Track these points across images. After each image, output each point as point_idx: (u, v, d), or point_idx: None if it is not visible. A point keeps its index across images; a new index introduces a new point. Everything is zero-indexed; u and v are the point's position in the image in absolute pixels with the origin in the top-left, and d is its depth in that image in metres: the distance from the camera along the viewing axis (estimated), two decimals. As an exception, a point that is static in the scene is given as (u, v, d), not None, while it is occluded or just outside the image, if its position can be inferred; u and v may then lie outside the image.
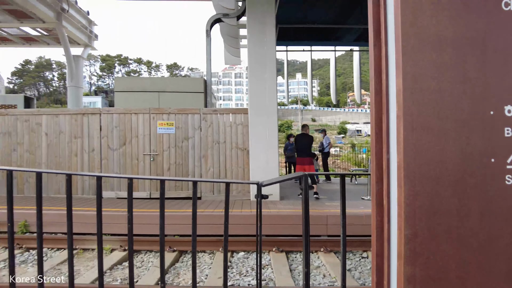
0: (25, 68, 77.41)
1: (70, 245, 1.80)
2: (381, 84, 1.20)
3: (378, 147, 1.21)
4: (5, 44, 14.41)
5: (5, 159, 7.99)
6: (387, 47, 1.17)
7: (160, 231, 1.89)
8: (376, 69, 1.22)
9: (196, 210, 1.55)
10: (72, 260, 1.90)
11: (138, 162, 7.87)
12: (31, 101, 10.84)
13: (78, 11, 13.10)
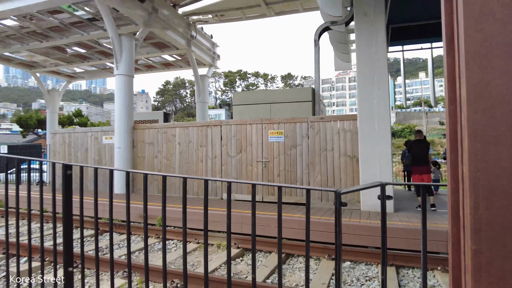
0: (165, 88, 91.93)
1: (205, 240, 2.20)
2: (455, 93, 1.18)
3: (453, 157, 1.18)
4: (151, 70, 17.64)
5: (150, 163, 9.78)
6: (459, 55, 1.15)
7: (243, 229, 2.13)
8: (450, 78, 1.20)
9: (309, 216, 1.70)
10: (207, 254, 2.32)
11: (252, 168, 8.54)
12: (169, 116, 12.99)
13: (204, 36, 15.04)
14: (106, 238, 6.39)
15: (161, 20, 11.21)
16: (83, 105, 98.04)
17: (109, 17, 9.24)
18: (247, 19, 13.36)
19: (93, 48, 14.21)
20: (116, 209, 6.96)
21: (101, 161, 10.61)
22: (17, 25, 11.88)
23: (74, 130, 11.21)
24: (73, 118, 33.01)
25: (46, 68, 17.15)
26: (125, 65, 9.75)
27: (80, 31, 12.19)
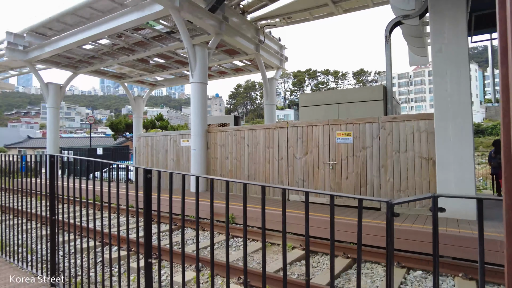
0: (237, 91, 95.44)
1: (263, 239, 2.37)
2: (508, 104, 1.14)
3: (509, 171, 1.15)
4: (223, 76, 18.61)
5: (222, 164, 10.36)
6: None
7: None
8: (504, 89, 1.16)
9: (361, 226, 1.76)
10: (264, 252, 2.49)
11: (319, 170, 8.50)
12: (239, 119, 13.57)
13: (272, 39, 15.34)
14: (186, 232, 6.98)
15: (231, 28, 11.77)
16: (164, 110, 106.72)
17: (184, 29, 10.03)
18: (314, 19, 13.27)
19: (171, 58, 15.52)
20: (191, 206, 7.55)
21: (179, 161, 11.56)
22: (110, 43, 13.58)
23: (155, 134, 12.41)
24: (155, 122, 36.26)
25: (132, 78, 19.23)
26: (199, 73, 10.48)
27: (160, 43, 13.43)
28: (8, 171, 4.34)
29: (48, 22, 12.78)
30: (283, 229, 1.97)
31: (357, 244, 1.70)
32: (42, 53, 14.10)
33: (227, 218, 2.23)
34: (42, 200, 4.57)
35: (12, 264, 3.98)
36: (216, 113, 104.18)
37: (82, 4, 11.37)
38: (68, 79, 17.39)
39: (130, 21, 10.69)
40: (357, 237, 1.69)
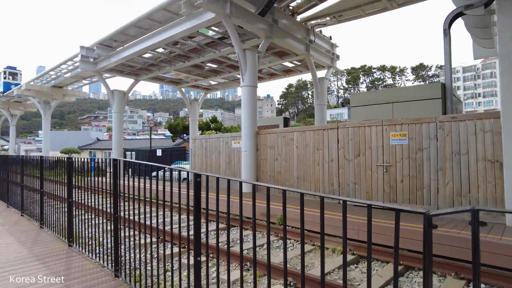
0: (288, 91, 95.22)
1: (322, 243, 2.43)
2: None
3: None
4: (273, 78, 18.78)
5: (271, 165, 10.51)
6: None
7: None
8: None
9: (398, 238, 1.75)
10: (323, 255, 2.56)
11: (371, 172, 8.23)
12: (288, 121, 13.61)
13: (322, 39, 15.13)
14: (232, 232, 7.24)
15: (281, 30, 11.86)
16: (218, 112, 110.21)
17: (234, 35, 10.35)
18: (366, 15, 12.83)
19: (224, 63, 16.07)
20: (246, 208, 7.80)
21: (231, 162, 11.94)
22: (167, 51, 14.48)
23: (209, 136, 12.96)
24: (210, 124, 37.68)
25: (188, 83, 20.24)
26: (249, 77, 10.74)
27: (213, 49, 13.99)
28: (81, 171, 4.91)
29: (113, 35, 14.02)
30: (321, 238, 2.01)
31: (394, 256, 1.69)
32: (109, 63, 15.50)
33: (268, 224, 2.33)
34: (108, 198, 5.08)
35: (84, 255, 4.50)
36: (267, 113, 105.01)
37: (142, 16, 12.28)
38: (130, 86, 18.87)
39: (184, 29, 11.32)
40: (394, 250, 1.69)
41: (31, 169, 6.83)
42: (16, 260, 4.28)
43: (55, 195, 5.53)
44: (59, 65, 19.72)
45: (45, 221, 5.95)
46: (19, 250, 4.74)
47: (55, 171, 5.64)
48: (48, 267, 4.02)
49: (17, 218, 6.97)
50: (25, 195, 7.11)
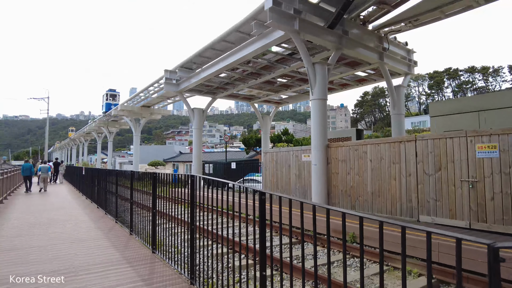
0: (364, 99, 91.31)
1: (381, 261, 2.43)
2: None
3: None
4: (345, 88, 18.35)
5: (343, 179, 10.23)
6: None
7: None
8: None
9: (460, 269, 1.64)
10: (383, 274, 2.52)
11: (455, 188, 7.50)
12: (361, 132, 13.13)
13: (397, 45, 14.37)
14: (299, 250, 7.22)
15: (352, 41, 11.64)
16: (290, 124, 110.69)
17: (303, 50, 10.49)
18: (446, 17, 11.86)
19: (294, 77, 16.29)
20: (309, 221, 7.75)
21: (301, 175, 11.95)
22: (240, 70, 15.27)
23: (279, 150, 13.18)
24: (281, 136, 38.10)
25: (260, 99, 20.92)
26: (319, 90, 10.73)
27: (283, 65, 14.33)
28: (165, 183, 5.49)
29: (192, 58, 15.32)
30: (403, 261, 1.99)
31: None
32: (189, 84, 16.92)
33: (328, 242, 2.36)
34: (187, 208, 5.54)
35: (164, 261, 4.99)
36: (341, 123, 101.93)
37: (218, 39, 13.22)
38: (208, 104, 20.24)
39: (256, 48, 11.86)
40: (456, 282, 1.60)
41: (124, 181, 7.80)
42: (112, 262, 4.94)
43: (142, 205, 6.24)
44: (147, 87, 22.16)
45: (133, 229, 6.72)
46: (113, 253, 5.45)
47: (143, 183, 6.37)
48: (136, 270, 4.55)
49: (112, 224, 7.98)
50: (119, 204, 8.13)
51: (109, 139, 37.88)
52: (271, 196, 2.97)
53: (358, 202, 9.64)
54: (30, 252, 5.43)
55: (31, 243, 6.09)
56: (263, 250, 3.00)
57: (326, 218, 2.12)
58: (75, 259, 5.07)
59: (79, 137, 56.62)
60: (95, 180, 11.53)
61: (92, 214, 9.48)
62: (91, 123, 44.04)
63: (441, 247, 5.64)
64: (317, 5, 10.72)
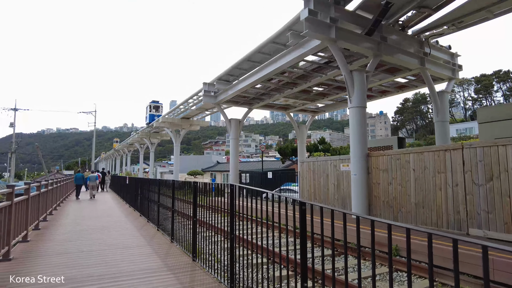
0: (404, 106, 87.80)
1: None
2: None
3: None
4: (385, 95, 17.80)
5: (385, 190, 9.86)
6: None
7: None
8: None
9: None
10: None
11: (510, 200, 6.96)
12: (403, 141, 12.60)
13: (439, 49, 13.75)
14: (341, 261, 7.01)
15: (391, 47, 11.34)
16: (326, 132, 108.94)
17: (341, 58, 10.37)
18: (494, 17, 11.19)
19: (331, 85, 16.11)
20: (352, 233, 7.52)
21: (339, 186, 11.68)
22: (276, 80, 15.38)
23: (316, 159, 13.01)
24: (318, 145, 37.59)
25: (296, 108, 20.87)
26: (357, 98, 10.51)
27: (319, 74, 14.24)
28: (203, 192, 5.62)
29: (230, 70, 15.69)
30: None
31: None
32: (226, 95, 17.32)
33: (372, 255, 2.29)
34: (225, 217, 5.63)
35: (204, 270, 5.08)
36: (380, 131, 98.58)
37: (254, 50, 13.45)
38: (245, 114, 20.54)
39: (292, 59, 11.92)
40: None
41: (165, 190, 8.09)
42: (154, 268, 5.12)
43: (182, 213, 6.43)
44: (187, 100, 22.96)
45: (174, 236, 6.92)
46: (156, 260, 5.64)
47: (183, 191, 6.57)
48: (177, 278, 4.68)
49: (154, 232, 8.27)
50: (160, 212, 8.42)
51: (151, 149, 39.51)
52: (312, 206, 2.94)
53: (401, 213, 9.23)
54: (80, 256, 5.77)
55: (81, 248, 6.47)
56: (304, 261, 2.97)
57: (370, 230, 2.06)
58: (120, 264, 5.31)
59: (123, 148, 59.64)
60: (138, 189, 12.05)
61: (136, 222, 9.89)
62: (134, 135, 46.26)
63: (496, 264, 5.23)
64: (354, 13, 10.60)
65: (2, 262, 5.29)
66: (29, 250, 6.19)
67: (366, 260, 6.95)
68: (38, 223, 8.41)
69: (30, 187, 7.10)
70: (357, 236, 2.28)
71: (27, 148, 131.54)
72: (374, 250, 2.26)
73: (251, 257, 3.82)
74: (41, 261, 5.50)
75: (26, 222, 6.90)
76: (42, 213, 9.31)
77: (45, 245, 6.66)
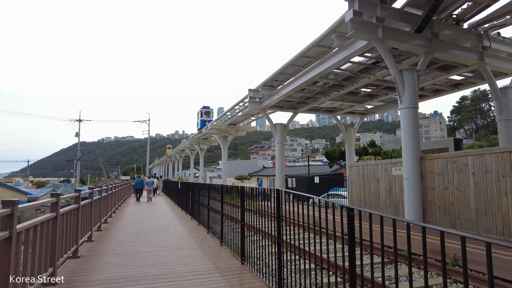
0: (462, 105, 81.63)
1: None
2: None
3: None
4: (438, 94, 16.75)
5: (441, 195, 9.27)
6: None
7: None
8: None
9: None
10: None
11: None
12: (460, 142, 11.72)
13: (501, 41, 12.64)
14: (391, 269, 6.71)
15: (444, 43, 10.69)
16: (377, 135, 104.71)
17: (389, 57, 10.00)
18: None
19: (379, 86, 15.55)
20: (404, 240, 7.18)
21: (391, 191, 11.18)
22: (321, 83, 15.21)
23: (366, 163, 12.59)
24: (368, 149, 36.26)
25: (343, 111, 20.41)
26: (408, 99, 10.04)
27: (366, 74, 13.82)
28: (251, 196, 5.75)
29: (274, 76, 15.83)
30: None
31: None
32: (271, 101, 17.47)
33: (425, 263, 2.21)
34: (272, 221, 5.68)
35: (253, 273, 5.17)
36: (435, 133, 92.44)
37: (298, 55, 13.45)
38: (290, 118, 20.53)
39: (337, 61, 11.71)
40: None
41: (214, 194, 8.37)
42: (205, 270, 5.32)
43: (231, 217, 6.61)
44: (233, 107, 23.52)
45: (223, 239, 7.12)
46: (206, 262, 5.86)
47: (231, 196, 6.76)
48: (227, 280, 4.82)
49: (204, 235, 8.58)
50: (210, 216, 8.72)
51: (200, 155, 40.96)
52: (360, 212, 2.90)
53: (460, 220, 8.60)
54: (137, 257, 6.17)
55: (138, 248, 6.92)
56: (353, 268, 2.93)
57: (422, 237, 2.00)
58: (174, 265, 5.59)
59: (175, 154, 62.49)
60: (189, 193, 12.58)
61: (187, 225, 10.33)
62: (184, 142, 48.30)
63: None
64: (402, 10, 10.18)
65: (72, 259, 5.85)
66: (93, 249, 6.76)
67: (420, 268, 6.59)
68: (100, 224, 9.14)
69: (93, 191, 7.77)
70: (408, 244, 2.22)
71: (89, 155, 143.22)
72: (426, 258, 2.17)
73: (299, 262, 3.83)
74: (104, 259, 5.98)
75: (91, 223, 7.55)
76: (104, 215, 10.09)
77: (107, 245, 7.23)
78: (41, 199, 7.05)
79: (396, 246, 2.38)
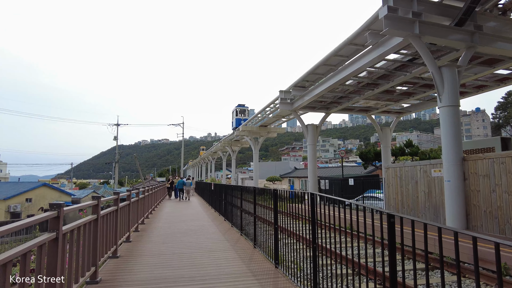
0: (508, 101, 76.25)
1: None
2: None
3: None
4: (481, 90, 15.72)
5: (487, 198, 8.69)
6: None
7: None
8: None
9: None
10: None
11: None
12: (508, 141, 10.91)
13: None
14: (436, 275, 6.37)
15: (487, 36, 10.04)
16: (414, 134, 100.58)
17: (426, 54, 9.55)
18: None
19: (416, 83, 14.89)
20: (448, 246, 6.79)
21: (431, 193, 10.65)
22: (355, 82, 14.82)
23: (403, 164, 12.09)
24: (404, 149, 34.86)
25: (378, 110, 19.76)
26: (448, 96, 9.53)
27: (402, 72, 13.29)
28: (283, 198, 5.69)
29: (305, 76, 15.63)
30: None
31: None
32: (302, 102, 17.27)
33: (476, 273, 2.05)
34: (306, 224, 5.58)
35: (287, 277, 5.10)
36: (478, 131, 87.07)
37: (330, 54, 13.18)
38: (322, 119, 20.19)
39: (371, 59, 11.35)
40: None
41: (247, 195, 8.38)
42: (239, 273, 5.33)
43: (264, 219, 6.57)
44: (264, 108, 23.53)
45: (257, 242, 7.10)
46: (240, 264, 5.86)
47: (263, 197, 6.73)
48: (261, 284, 4.79)
49: (237, 237, 8.61)
50: (243, 217, 8.74)
51: (232, 157, 41.38)
52: (402, 219, 2.76)
53: (509, 226, 8.00)
54: (172, 258, 6.30)
55: (173, 250, 7.07)
56: (394, 274, 2.79)
57: (473, 247, 1.86)
58: (208, 267, 5.64)
59: (208, 156, 63.61)
60: (222, 195, 12.72)
61: (221, 226, 10.43)
62: (217, 144, 49.03)
63: None
64: (440, 3, 9.70)
65: (112, 259, 6.08)
66: (131, 250, 7.00)
67: (466, 277, 6.19)
68: (137, 225, 9.45)
69: (130, 193, 8.05)
70: (456, 253, 2.08)
71: (127, 158, 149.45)
72: (478, 270, 2.01)
73: (335, 267, 3.72)
74: (141, 260, 6.17)
75: (129, 224, 7.82)
76: (141, 216, 10.43)
77: (144, 246, 7.46)
78: (83, 201, 7.44)
79: (442, 254, 2.23)
